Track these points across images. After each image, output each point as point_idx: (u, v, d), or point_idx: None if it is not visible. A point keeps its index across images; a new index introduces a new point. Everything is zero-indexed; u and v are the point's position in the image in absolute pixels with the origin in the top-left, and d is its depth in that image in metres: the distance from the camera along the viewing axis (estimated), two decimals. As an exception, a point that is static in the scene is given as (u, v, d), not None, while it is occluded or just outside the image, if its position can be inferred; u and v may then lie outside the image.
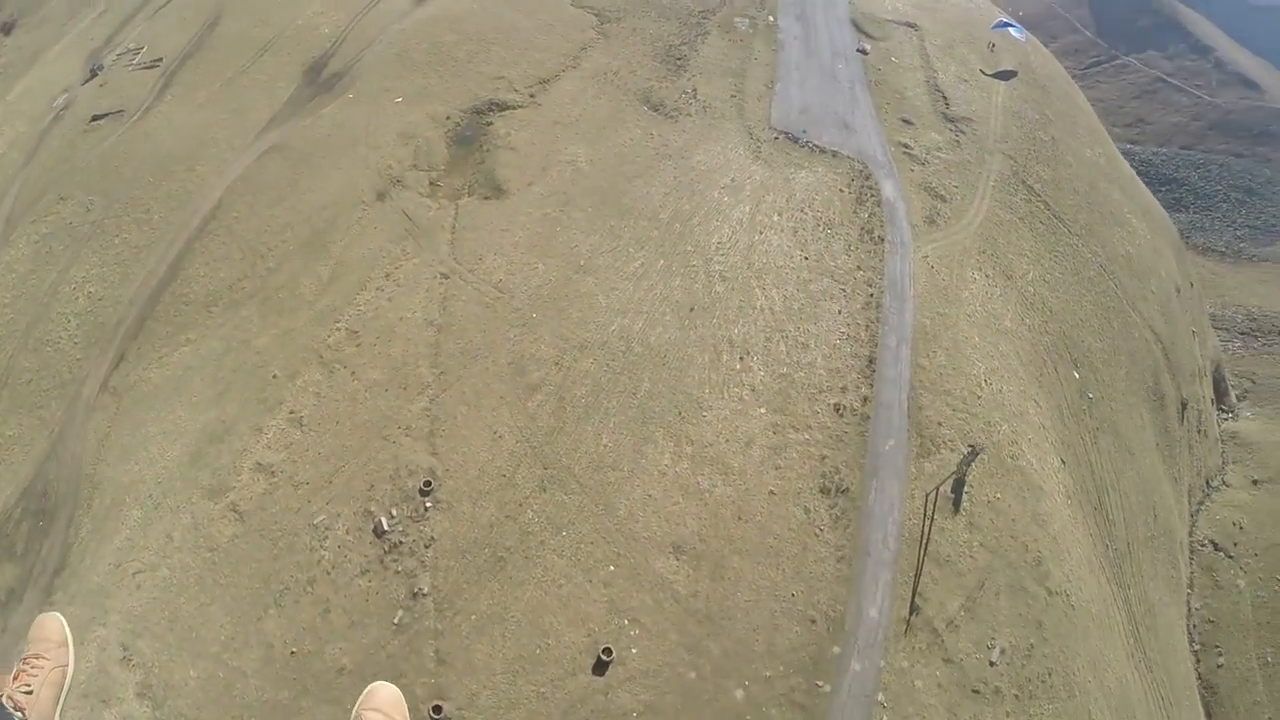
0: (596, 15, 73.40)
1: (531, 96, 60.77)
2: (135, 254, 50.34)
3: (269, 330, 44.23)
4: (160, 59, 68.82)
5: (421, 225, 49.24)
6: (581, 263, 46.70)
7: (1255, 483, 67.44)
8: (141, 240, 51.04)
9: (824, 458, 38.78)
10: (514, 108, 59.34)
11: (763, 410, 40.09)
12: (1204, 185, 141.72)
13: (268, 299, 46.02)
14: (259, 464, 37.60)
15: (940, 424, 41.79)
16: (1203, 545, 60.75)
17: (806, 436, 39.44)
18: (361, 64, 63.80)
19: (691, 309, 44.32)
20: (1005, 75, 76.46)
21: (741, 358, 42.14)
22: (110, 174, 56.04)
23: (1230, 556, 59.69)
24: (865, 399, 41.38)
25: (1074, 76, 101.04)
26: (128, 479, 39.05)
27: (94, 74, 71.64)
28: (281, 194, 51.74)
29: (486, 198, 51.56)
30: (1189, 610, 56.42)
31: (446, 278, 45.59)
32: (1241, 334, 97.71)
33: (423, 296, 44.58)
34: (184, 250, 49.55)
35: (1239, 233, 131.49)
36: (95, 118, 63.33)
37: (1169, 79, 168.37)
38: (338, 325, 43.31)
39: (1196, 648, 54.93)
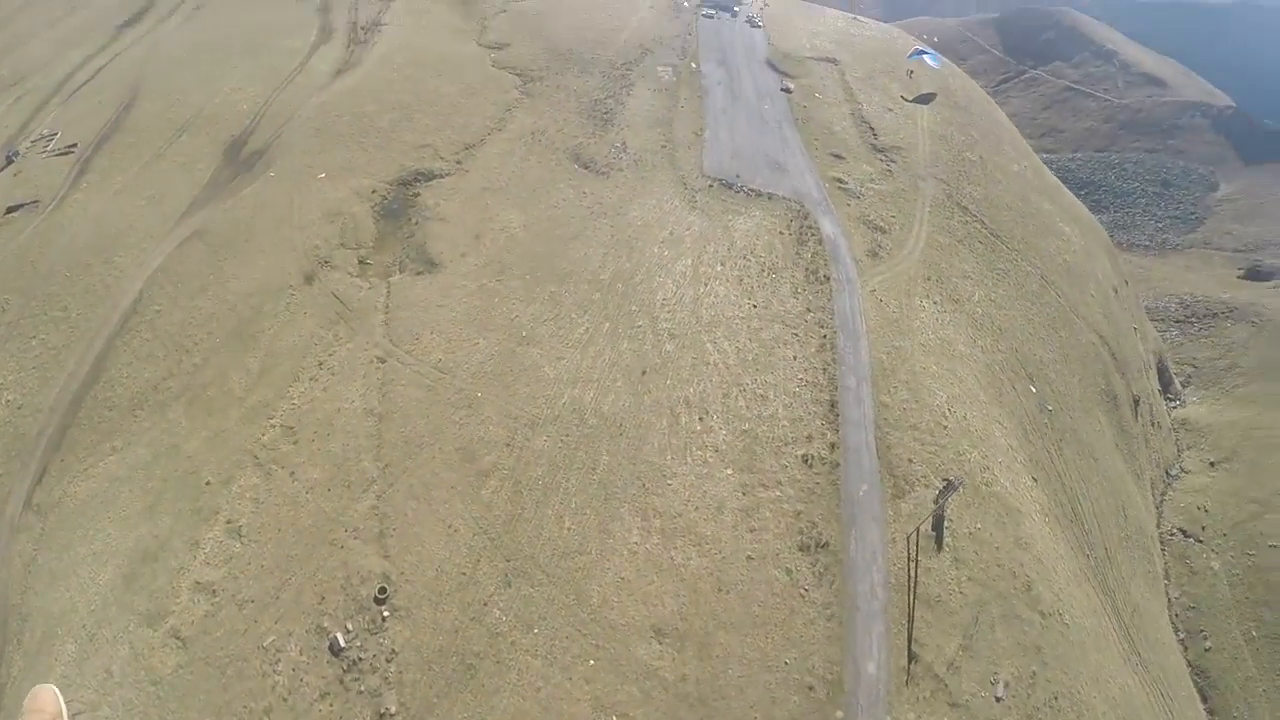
0: (519, 75, 73.04)
1: (459, 163, 59.50)
2: (54, 356, 46.91)
3: (199, 432, 41.27)
4: (75, 144, 65.98)
5: (353, 307, 47.03)
6: (524, 334, 44.99)
7: (1212, 465, 68.92)
8: (60, 340, 47.63)
9: (799, 513, 37.34)
10: (441, 176, 57.97)
11: (729, 471, 38.59)
12: (1121, 184, 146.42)
13: (195, 398, 43.08)
14: (198, 583, 34.64)
15: (911, 461, 40.94)
16: (1172, 535, 61.46)
17: (778, 493, 37.99)
18: (282, 140, 61.88)
19: (643, 372, 42.86)
20: (926, 99, 78.19)
21: (701, 418, 40.70)
22: (26, 270, 52.67)
23: (1200, 541, 60.59)
24: (833, 446, 40.23)
25: (987, 94, 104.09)
26: (58, 608, 35.66)
27: (9, 161, 68.16)
28: (204, 283, 49.07)
29: (419, 273, 49.63)
30: (1169, 601, 56.62)
31: (383, 361, 43.42)
32: (1177, 322, 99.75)
33: (360, 384, 42.28)
34: (105, 349, 46.45)
35: (1160, 225, 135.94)
36: (10, 209, 60.00)
37: (1077, 86, 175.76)
38: (271, 422, 40.69)
39: (1182, 636, 55.03)
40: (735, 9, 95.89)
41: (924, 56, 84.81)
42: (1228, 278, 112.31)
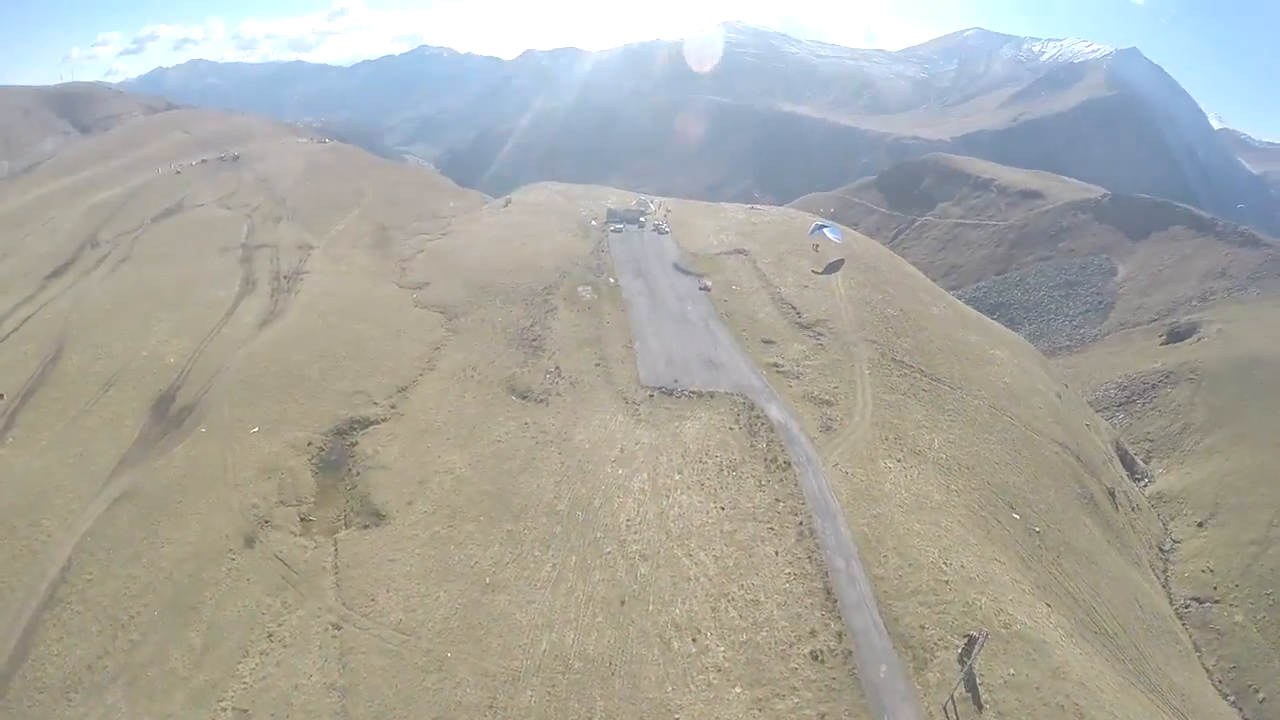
0: (442, 313, 73.96)
1: (393, 407, 58.34)
2: (-22, 630, 41.67)
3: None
4: (1, 396, 62.99)
5: (300, 570, 43.57)
6: (487, 580, 42.16)
7: (1200, 525, 69.37)
8: (-16, 611, 42.53)
9: (823, 715, 34.45)
10: (378, 422, 56.52)
11: (738, 689, 35.52)
12: (1028, 298, 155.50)
13: (135, 679, 38.23)
14: None
15: (924, 627, 38.87)
16: (1187, 606, 60.48)
17: (795, 700, 35.00)
18: (211, 394, 59.97)
19: (622, 601, 40.23)
20: (836, 267, 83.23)
21: (694, 639, 37.92)
22: (-54, 531, 47.63)
23: (1216, 601, 59.80)
24: (839, 635, 37.87)
25: (889, 250, 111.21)
26: None
27: None
28: (138, 549, 45.07)
29: (366, 526, 46.82)
30: (1208, 671, 54.95)
31: (339, 628, 39.66)
32: (1120, 405, 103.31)
33: (316, 655, 38.34)
34: (33, 622, 41.54)
35: (1075, 322, 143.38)
36: None
37: (964, 221, 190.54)
38: (222, 704, 36.24)
39: (1232, 699, 52.92)
40: (641, 220, 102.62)
41: (824, 230, 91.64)
42: (1152, 349, 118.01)
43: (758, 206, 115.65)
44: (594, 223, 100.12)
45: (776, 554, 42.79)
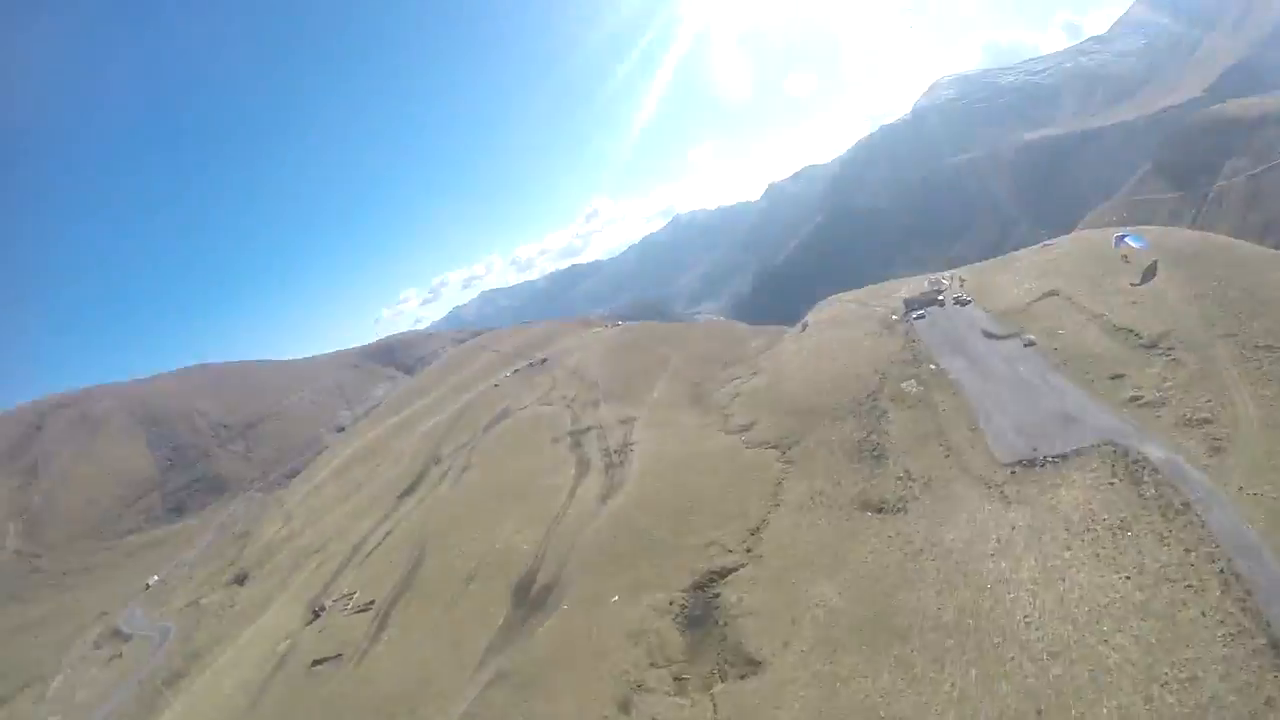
0: (775, 448, 74.70)
1: (749, 551, 58.88)
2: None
3: None
4: (372, 601, 73.70)
5: (683, 730, 43.89)
6: (882, 714, 39.51)
7: None
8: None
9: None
10: (736, 569, 57.12)
11: (1202, 794, 30.13)
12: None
13: None
14: None
15: None
16: None
17: (1278, 796, 28.91)
18: (568, 571, 64.56)
19: (1039, 711, 35.93)
20: (1153, 271, 74.68)
21: (1132, 736, 33.01)
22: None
23: None
24: (1310, 697, 31.27)
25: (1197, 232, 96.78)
26: None
27: (316, 615, 77.50)
28: None
29: (743, 676, 46.78)
30: None
31: (732, 784, 38.88)
32: None
33: (712, 815, 37.48)
34: None
35: None
36: (316, 662, 66.20)
37: (1259, 170, 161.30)
38: None
39: None
40: (939, 299, 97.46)
41: (1126, 239, 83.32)
42: None
43: (1048, 243, 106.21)
44: (894, 317, 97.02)
45: (1204, 615, 36.58)
